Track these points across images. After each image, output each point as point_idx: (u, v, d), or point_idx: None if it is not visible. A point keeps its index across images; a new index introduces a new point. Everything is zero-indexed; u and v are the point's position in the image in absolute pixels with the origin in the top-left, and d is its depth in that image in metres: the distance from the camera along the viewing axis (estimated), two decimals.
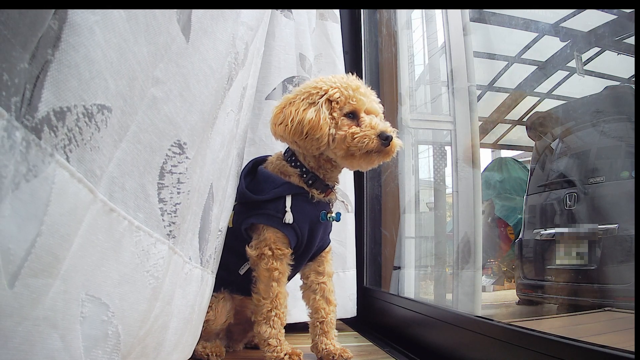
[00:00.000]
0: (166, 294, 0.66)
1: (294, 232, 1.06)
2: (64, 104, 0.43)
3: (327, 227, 1.14)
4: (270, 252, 1.04)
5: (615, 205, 1.77)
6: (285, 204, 1.05)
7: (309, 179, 1.07)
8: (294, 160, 1.09)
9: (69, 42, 0.43)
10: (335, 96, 1.01)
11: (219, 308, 1.10)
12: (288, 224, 1.04)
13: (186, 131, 0.64)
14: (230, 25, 0.76)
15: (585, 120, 2.04)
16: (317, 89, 1.03)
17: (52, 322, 0.44)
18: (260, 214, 1.06)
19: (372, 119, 1.01)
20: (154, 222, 0.60)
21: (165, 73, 0.58)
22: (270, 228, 1.05)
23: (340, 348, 1.10)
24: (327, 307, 1.13)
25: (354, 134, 0.98)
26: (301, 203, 1.06)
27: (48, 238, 0.42)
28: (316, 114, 0.99)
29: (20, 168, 0.39)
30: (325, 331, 1.12)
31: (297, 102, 1.01)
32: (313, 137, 0.99)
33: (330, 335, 1.12)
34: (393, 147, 1.01)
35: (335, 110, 1.01)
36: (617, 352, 0.68)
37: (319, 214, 1.08)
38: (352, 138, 0.98)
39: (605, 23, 1.80)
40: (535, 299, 2.17)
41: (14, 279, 0.39)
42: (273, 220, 1.05)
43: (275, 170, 1.10)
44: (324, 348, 1.10)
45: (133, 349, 0.59)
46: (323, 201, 1.09)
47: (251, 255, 1.06)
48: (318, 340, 1.12)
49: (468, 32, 1.81)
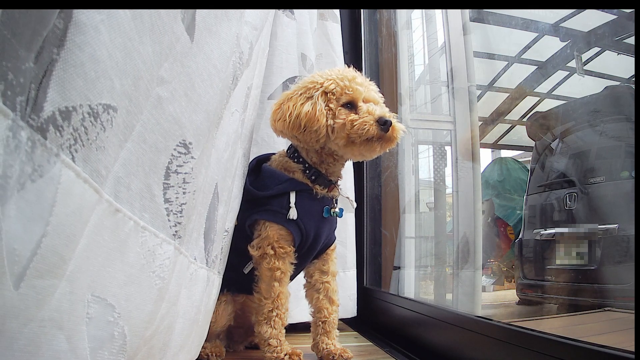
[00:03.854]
0: (172, 294, 0.66)
1: (298, 229, 1.05)
2: (69, 104, 0.42)
3: (332, 223, 1.13)
4: (273, 251, 1.04)
5: (615, 205, 1.78)
6: (290, 200, 1.04)
7: (312, 175, 1.07)
8: (297, 156, 1.09)
9: (75, 42, 0.42)
10: (330, 87, 1.02)
11: (220, 310, 1.10)
12: (292, 220, 1.04)
13: (191, 131, 0.64)
14: (235, 25, 0.76)
15: (585, 120, 2.05)
16: (313, 83, 1.04)
17: (58, 324, 0.44)
18: (264, 210, 1.06)
19: (369, 106, 1.01)
20: (160, 222, 0.60)
21: (170, 72, 0.58)
22: (274, 225, 1.05)
23: (340, 348, 1.11)
24: (330, 307, 1.13)
25: (353, 121, 0.99)
26: (305, 200, 1.06)
27: (54, 238, 0.41)
28: (312, 107, 1.00)
29: (26, 168, 0.39)
30: (327, 331, 1.12)
31: (295, 97, 1.02)
32: (311, 129, 1.00)
33: (332, 335, 1.13)
34: (394, 132, 1.00)
35: (332, 102, 1.01)
36: (617, 352, 0.68)
37: (322, 211, 1.08)
38: (351, 125, 0.99)
39: (605, 23, 1.81)
40: (535, 299, 2.18)
41: (20, 280, 0.39)
42: (277, 216, 1.04)
43: (279, 167, 1.11)
44: (324, 348, 1.11)
45: (139, 350, 0.58)
46: (327, 197, 1.10)
47: (253, 254, 1.06)
48: (319, 339, 1.12)
49: (468, 32, 1.81)
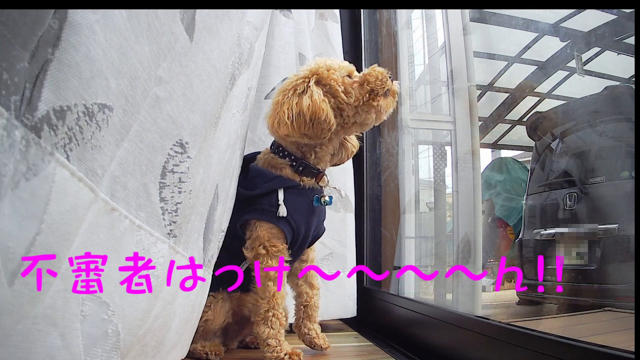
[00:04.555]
0: (167, 293, 0.66)
1: (288, 226, 1.05)
2: (64, 103, 0.43)
3: (320, 214, 1.14)
4: (265, 251, 1.04)
5: (615, 205, 1.77)
6: (278, 197, 1.05)
7: (299, 166, 1.08)
8: (281, 150, 1.09)
9: (69, 41, 0.43)
10: (322, 73, 1.03)
11: (218, 308, 1.10)
12: (282, 217, 1.04)
13: (188, 130, 0.64)
14: (236, 25, 0.76)
15: (585, 120, 2.04)
16: (300, 78, 1.03)
17: (52, 321, 0.44)
18: (254, 209, 1.06)
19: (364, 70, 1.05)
20: (155, 221, 0.60)
21: (169, 72, 0.58)
22: (264, 224, 1.05)
23: (322, 336, 1.17)
24: (311, 292, 1.17)
25: (368, 75, 1.02)
26: (294, 197, 1.06)
27: (48, 236, 0.42)
28: (311, 98, 0.99)
29: (20, 167, 0.39)
30: (309, 314, 1.16)
31: (287, 100, 1.01)
32: (319, 119, 0.98)
33: (314, 318, 1.17)
34: (393, 90, 1.05)
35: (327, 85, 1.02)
36: (617, 352, 0.68)
37: (311, 204, 1.09)
38: (371, 78, 1.02)
39: (605, 23, 1.80)
40: (535, 299, 2.17)
41: (14, 277, 0.39)
42: (267, 214, 1.05)
43: (266, 165, 1.11)
44: (306, 333, 1.16)
45: (132, 348, 0.59)
46: (315, 187, 1.10)
47: (248, 256, 1.07)
48: (302, 323, 1.17)
49: (468, 32, 1.81)
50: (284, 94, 1.03)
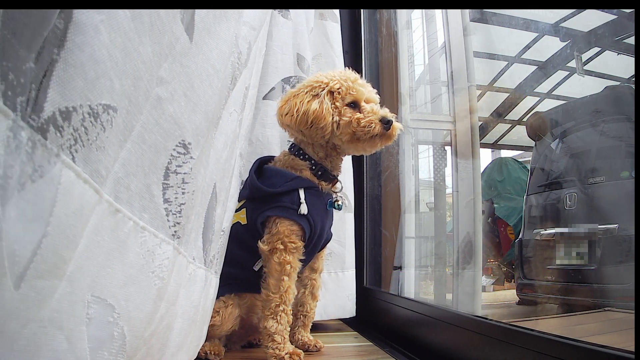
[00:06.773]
0: (171, 294, 0.66)
1: (308, 223, 1.09)
2: (69, 104, 0.42)
3: (331, 218, 1.19)
4: (283, 246, 1.07)
5: (615, 205, 1.77)
6: (300, 196, 1.09)
7: (318, 170, 1.13)
8: (302, 153, 1.14)
9: (75, 42, 0.42)
10: (336, 87, 1.09)
11: (227, 314, 1.10)
12: (302, 215, 1.08)
13: (190, 131, 0.64)
14: (233, 25, 0.76)
15: (585, 120, 2.04)
16: (319, 82, 1.10)
17: (58, 324, 0.44)
18: (276, 206, 1.09)
19: (372, 106, 1.10)
20: (159, 222, 0.60)
21: (170, 73, 0.58)
22: (285, 221, 1.08)
23: (314, 339, 1.23)
24: (312, 303, 1.23)
25: (359, 119, 1.07)
26: (312, 197, 1.10)
27: (54, 239, 0.41)
28: (320, 105, 1.06)
29: (26, 168, 0.38)
30: (305, 324, 1.23)
31: (301, 94, 1.09)
32: (318, 126, 1.06)
33: (308, 328, 1.25)
34: (394, 130, 1.09)
35: (337, 100, 1.08)
36: (617, 352, 0.68)
37: (325, 207, 1.14)
38: (357, 123, 1.06)
39: (605, 23, 1.80)
40: (535, 299, 2.17)
41: (20, 280, 0.39)
42: (288, 211, 1.08)
43: (285, 166, 1.15)
44: (299, 338, 1.22)
45: (138, 350, 0.58)
46: (329, 192, 1.15)
47: (263, 250, 1.08)
48: (297, 330, 1.23)
49: (468, 32, 1.81)
50: (302, 90, 1.10)
